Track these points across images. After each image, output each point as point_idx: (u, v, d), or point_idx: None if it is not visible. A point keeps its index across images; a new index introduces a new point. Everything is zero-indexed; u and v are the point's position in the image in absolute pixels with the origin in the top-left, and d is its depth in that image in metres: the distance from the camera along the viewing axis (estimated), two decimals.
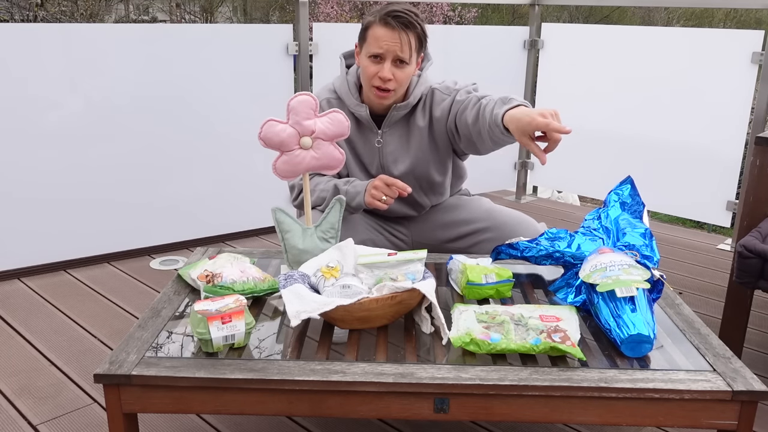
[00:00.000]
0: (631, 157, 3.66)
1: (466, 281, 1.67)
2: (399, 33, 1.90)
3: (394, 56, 1.91)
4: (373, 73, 1.94)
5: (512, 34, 4.01)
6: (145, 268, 2.95)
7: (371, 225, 2.14)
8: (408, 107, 2.04)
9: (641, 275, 1.50)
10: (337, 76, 2.12)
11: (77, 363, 2.15)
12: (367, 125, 2.06)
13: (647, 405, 1.32)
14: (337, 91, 2.08)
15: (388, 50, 1.91)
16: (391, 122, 2.06)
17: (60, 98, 2.79)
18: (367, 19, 1.96)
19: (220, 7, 18.80)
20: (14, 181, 2.73)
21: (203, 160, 3.16)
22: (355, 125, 2.06)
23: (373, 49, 1.92)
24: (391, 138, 2.08)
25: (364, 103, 2.04)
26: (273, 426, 1.82)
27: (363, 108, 2.03)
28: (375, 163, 2.10)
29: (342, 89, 2.07)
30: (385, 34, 1.90)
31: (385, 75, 1.92)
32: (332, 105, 2.05)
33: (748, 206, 2.14)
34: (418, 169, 2.10)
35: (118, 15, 16.38)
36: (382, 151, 2.08)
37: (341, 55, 2.12)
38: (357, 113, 2.04)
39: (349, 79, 2.06)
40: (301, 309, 1.43)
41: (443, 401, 1.32)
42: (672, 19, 18.08)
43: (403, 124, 2.08)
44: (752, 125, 3.22)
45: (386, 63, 1.92)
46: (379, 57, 1.92)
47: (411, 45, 1.92)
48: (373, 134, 2.07)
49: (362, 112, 2.03)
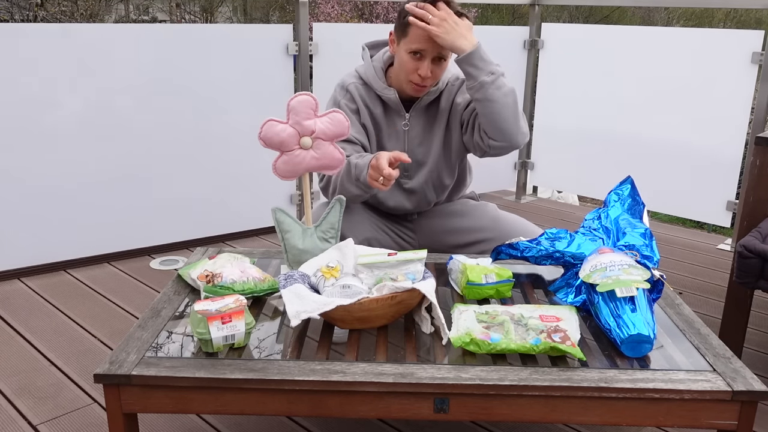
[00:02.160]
0: (631, 157, 3.66)
1: (466, 281, 1.67)
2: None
3: (436, 54, 1.91)
4: (413, 69, 1.93)
5: (512, 34, 4.01)
6: (145, 268, 2.95)
7: (378, 224, 2.15)
8: (437, 92, 2.05)
9: (641, 275, 1.50)
10: (359, 65, 2.11)
11: (77, 363, 2.15)
12: (394, 108, 2.06)
13: (647, 405, 1.32)
14: (363, 77, 2.07)
15: (430, 48, 1.89)
16: (420, 106, 2.06)
17: (60, 98, 2.79)
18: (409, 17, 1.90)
19: (220, 7, 18.80)
20: (14, 181, 2.73)
21: (203, 160, 3.16)
22: (382, 109, 2.06)
23: (414, 45, 1.90)
24: (417, 122, 2.08)
25: (391, 87, 2.03)
26: (273, 426, 1.82)
27: (391, 91, 2.03)
28: (399, 146, 2.09)
29: (368, 74, 2.05)
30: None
31: (425, 74, 1.92)
32: (359, 90, 2.05)
33: (748, 206, 2.14)
34: (436, 155, 2.11)
35: (118, 15, 16.38)
36: (408, 134, 2.08)
37: (364, 44, 2.11)
38: (385, 96, 2.04)
39: (375, 64, 2.05)
40: (301, 309, 1.43)
41: (443, 401, 1.32)
42: (672, 19, 18.08)
43: (428, 109, 2.08)
44: (752, 125, 3.22)
45: (426, 61, 1.91)
46: (419, 54, 1.91)
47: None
48: (399, 118, 2.07)
49: (391, 96, 2.03)
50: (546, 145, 4.11)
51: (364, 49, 2.12)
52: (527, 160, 4.20)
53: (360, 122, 2.06)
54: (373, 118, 2.07)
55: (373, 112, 2.06)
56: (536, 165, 4.18)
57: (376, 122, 2.07)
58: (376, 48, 2.12)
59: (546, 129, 4.09)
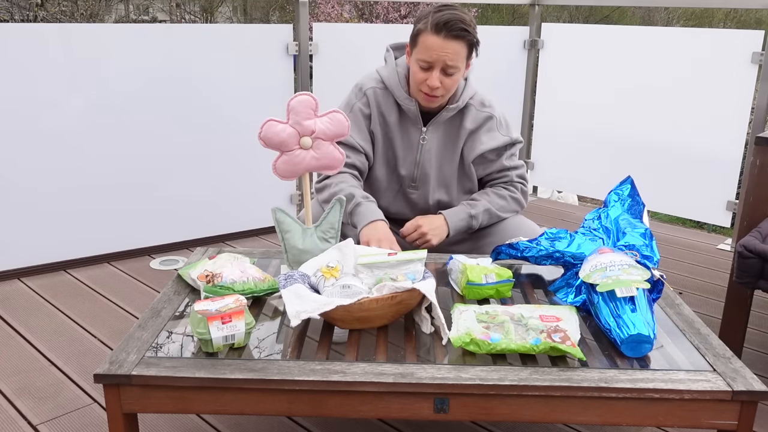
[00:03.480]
0: (631, 156, 3.66)
1: (466, 281, 1.67)
2: (450, 42, 1.87)
3: (443, 65, 1.90)
4: (422, 79, 1.93)
5: (512, 34, 4.01)
6: (145, 268, 2.95)
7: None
8: (456, 109, 2.04)
9: (641, 275, 1.50)
10: (382, 66, 2.10)
11: (77, 363, 2.15)
12: (412, 119, 2.05)
13: (647, 405, 1.32)
14: (384, 81, 2.05)
15: (437, 59, 1.89)
16: (438, 121, 2.05)
17: (60, 98, 2.79)
18: (417, 25, 1.92)
19: (220, 7, 18.80)
20: (14, 181, 2.73)
21: (203, 160, 3.16)
22: (397, 116, 2.05)
23: (422, 56, 1.90)
24: (434, 136, 2.07)
25: (413, 98, 2.02)
26: (273, 426, 1.82)
27: (412, 102, 2.02)
28: (410, 159, 2.08)
29: (391, 80, 2.04)
30: (435, 43, 1.87)
31: (433, 84, 1.91)
32: (377, 95, 2.04)
33: (748, 206, 2.14)
34: (448, 174, 2.11)
35: (118, 15, 16.38)
36: (423, 148, 2.07)
37: (389, 46, 2.10)
38: (405, 106, 2.03)
39: (399, 71, 2.03)
40: (301, 309, 1.43)
41: (443, 401, 1.32)
42: (672, 19, 18.08)
43: (447, 126, 2.07)
44: (752, 125, 3.22)
45: (435, 72, 1.90)
46: (428, 64, 1.91)
47: (461, 53, 1.90)
48: (416, 129, 2.06)
49: (411, 107, 2.02)
50: (546, 145, 4.11)
51: (388, 50, 2.10)
52: (527, 160, 4.20)
53: (369, 128, 2.06)
54: (386, 126, 2.06)
55: (388, 119, 2.06)
56: (536, 165, 4.18)
57: (388, 129, 2.06)
58: (399, 50, 2.10)
59: (546, 129, 4.09)
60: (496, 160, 2.12)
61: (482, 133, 2.08)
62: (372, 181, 2.13)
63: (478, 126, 2.07)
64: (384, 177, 2.13)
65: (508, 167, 2.14)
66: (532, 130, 4.18)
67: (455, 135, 2.08)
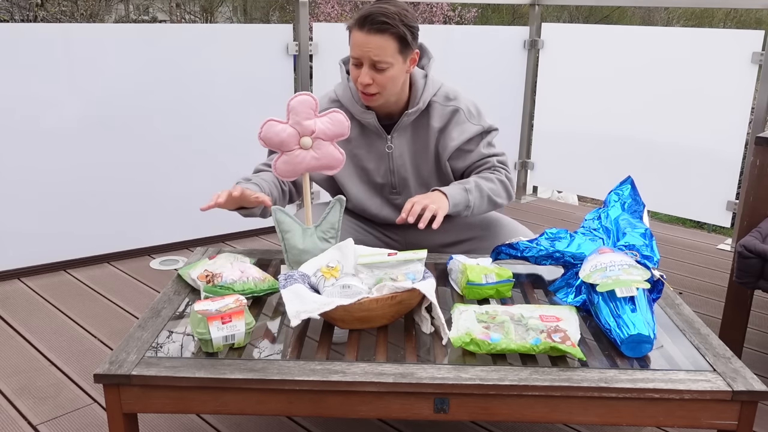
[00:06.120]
0: (631, 157, 3.66)
1: (466, 281, 1.67)
2: (373, 37, 1.82)
3: (369, 61, 1.85)
4: (355, 77, 1.89)
5: (512, 34, 4.01)
6: (145, 268, 2.95)
7: (358, 227, 2.11)
8: (418, 112, 1.99)
9: (641, 275, 1.50)
10: (338, 83, 2.06)
11: (77, 363, 2.15)
12: (374, 131, 2.01)
13: (647, 405, 1.32)
14: (340, 99, 2.01)
15: (363, 55, 1.84)
16: (401, 127, 2.00)
17: (60, 98, 2.79)
18: (348, 23, 1.89)
19: (220, 7, 18.79)
20: (14, 182, 2.73)
21: (203, 159, 3.16)
22: (359, 132, 2.01)
23: (352, 53, 1.87)
24: (401, 142, 2.03)
25: (370, 110, 1.97)
26: (273, 426, 1.82)
27: (370, 115, 1.97)
28: (383, 168, 2.05)
29: (345, 96, 2.00)
30: (359, 39, 1.83)
31: (363, 80, 1.86)
32: None
33: (748, 206, 2.14)
34: (426, 174, 2.07)
35: (118, 15, 16.37)
36: (392, 155, 2.03)
37: (340, 61, 2.05)
38: (363, 120, 1.98)
39: (351, 86, 1.98)
40: (301, 309, 1.43)
41: (443, 401, 1.32)
42: (672, 19, 18.08)
43: (413, 128, 2.03)
44: (752, 125, 3.22)
45: (364, 68, 1.86)
46: (357, 60, 1.87)
47: (388, 48, 1.84)
48: (381, 140, 2.02)
49: (369, 120, 1.98)
50: (546, 145, 4.11)
51: (340, 65, 2.04)
52: (527, 160, 4.20)
53: None
54: (349, 143, 1.98)
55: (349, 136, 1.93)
56: (536, 165, 4.18)
57: (352, 146, 2.00)
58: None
59: (546, 129, 4.09)
60: (473, 150, 2.05)
61: (452, 129, 2.02)
62: (351, 198, 2.07)
63: (446, 122, 2.02)
64: (361, 192, 2.08)
65: (486, 155, 2.07)
66: (532, 130, 4.18)
67: (424, 135, 2.03)
